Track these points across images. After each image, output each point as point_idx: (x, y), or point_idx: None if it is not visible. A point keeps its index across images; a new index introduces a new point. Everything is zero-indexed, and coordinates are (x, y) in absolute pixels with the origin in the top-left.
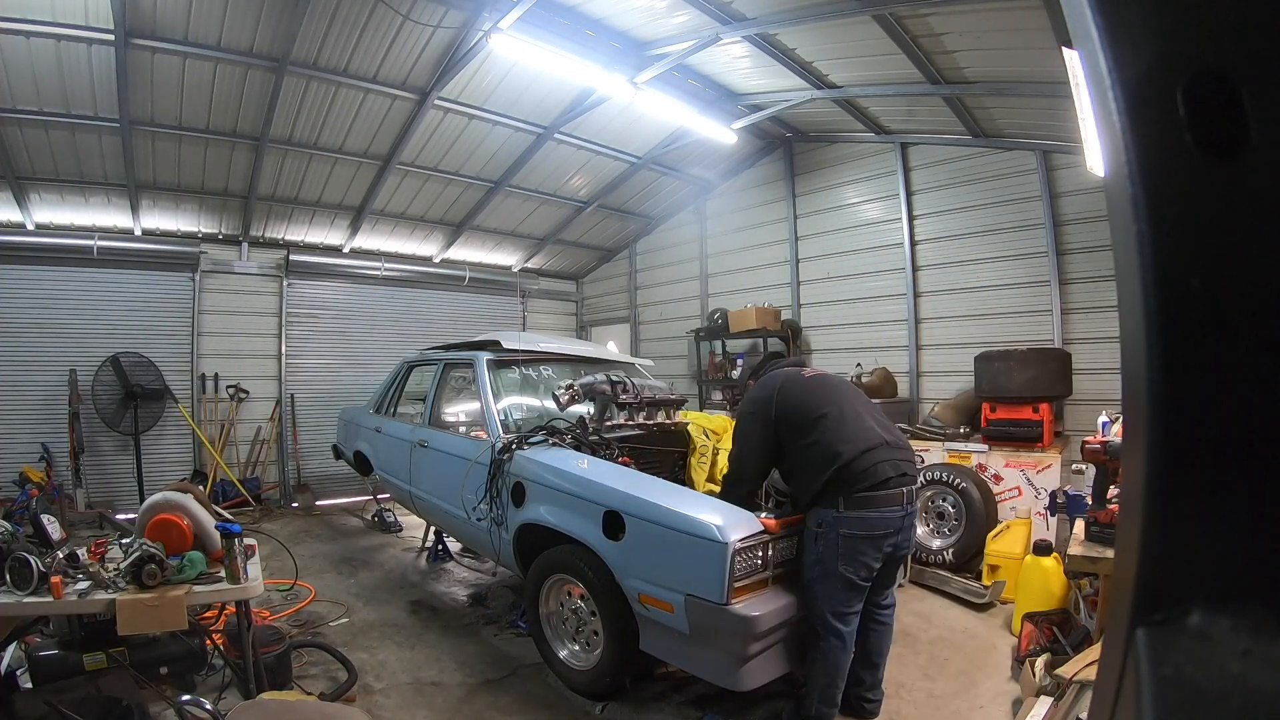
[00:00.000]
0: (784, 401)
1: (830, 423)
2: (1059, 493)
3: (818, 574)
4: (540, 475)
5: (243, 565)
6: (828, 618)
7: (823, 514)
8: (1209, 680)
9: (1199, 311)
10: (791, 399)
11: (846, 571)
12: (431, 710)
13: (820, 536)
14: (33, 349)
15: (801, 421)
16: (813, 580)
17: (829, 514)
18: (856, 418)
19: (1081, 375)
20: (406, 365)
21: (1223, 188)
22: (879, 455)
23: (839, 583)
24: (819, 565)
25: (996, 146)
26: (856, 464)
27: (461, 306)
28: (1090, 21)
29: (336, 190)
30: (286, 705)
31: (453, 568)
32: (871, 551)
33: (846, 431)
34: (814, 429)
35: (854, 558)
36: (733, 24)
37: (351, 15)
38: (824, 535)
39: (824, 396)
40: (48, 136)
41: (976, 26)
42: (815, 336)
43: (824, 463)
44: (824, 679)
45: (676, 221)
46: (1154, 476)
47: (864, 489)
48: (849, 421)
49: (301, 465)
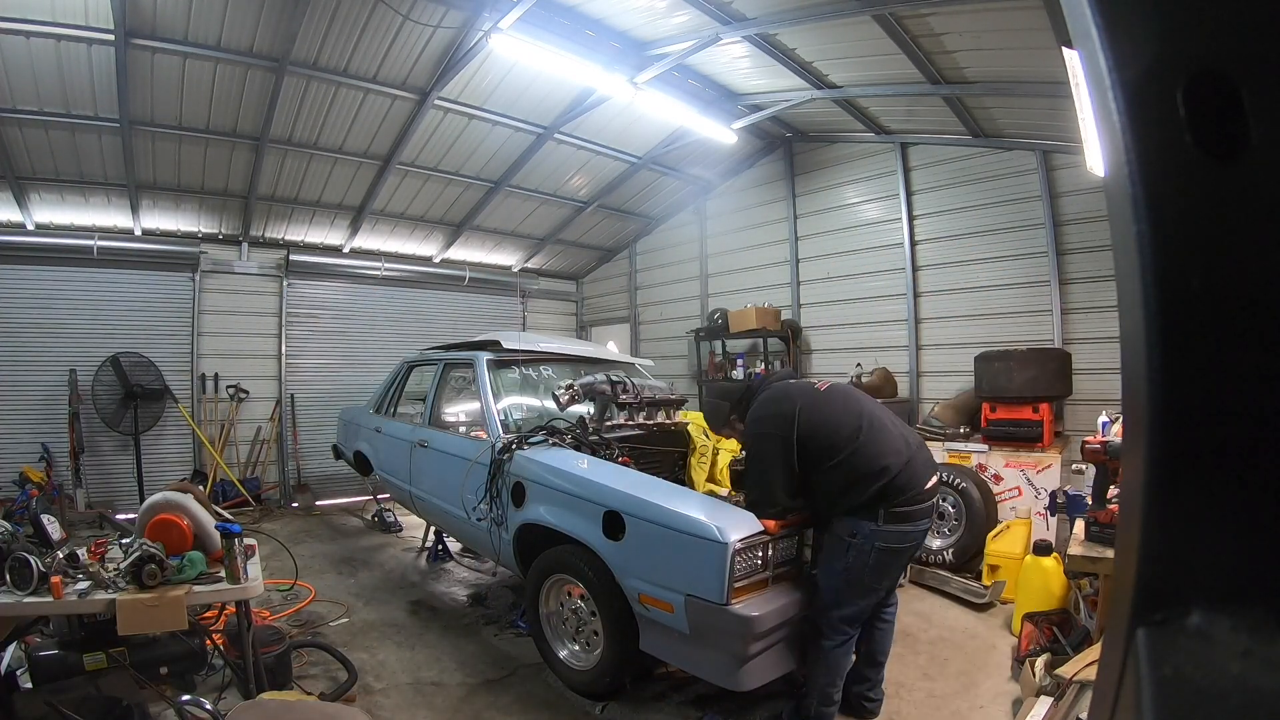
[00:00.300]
0: (809, 419)
1: (866, 436)
2: (1059, 493)
3: (842, 582)
4: (540, 475)
5: (243, 565)
6: (838, 622)
7: (859, 525)
8: (1209, 680)
9: (1199, 311)
10: (817, 415)
11: (873, 582)
12: (431, 710)
13: (853, 547)
14: (33, 349)
15: (831, 437)
16: (835, 587)
17: (866, 526)
18: (886, 429)
19: (1081, 375)
20: (406, 365)
21: (1223, 188)
22: (916, 466)
23: (862, 591)
24: (846, 574)
25: (996, 146)
26: (900, 477)
27: (461, 306)
28: (1090, 21)
29: (336, 190)
30: (286, 705)
31: (453, 568)
32: (898, 562)
33: (887, 443)
34: (847, 444)
35: (883, 569)
36: (733, 24)
37: (351, 15)
38: (857, 546)
39: (848, 409)
40: (48, 136)
41: (976, 26)
42: (815, 336)
43: (869, 477)
44: (825, 679)
45: (676, 221)
46: (1154, 476)
47: (905, 502)
48: (887, 431)
49: (301, 465)
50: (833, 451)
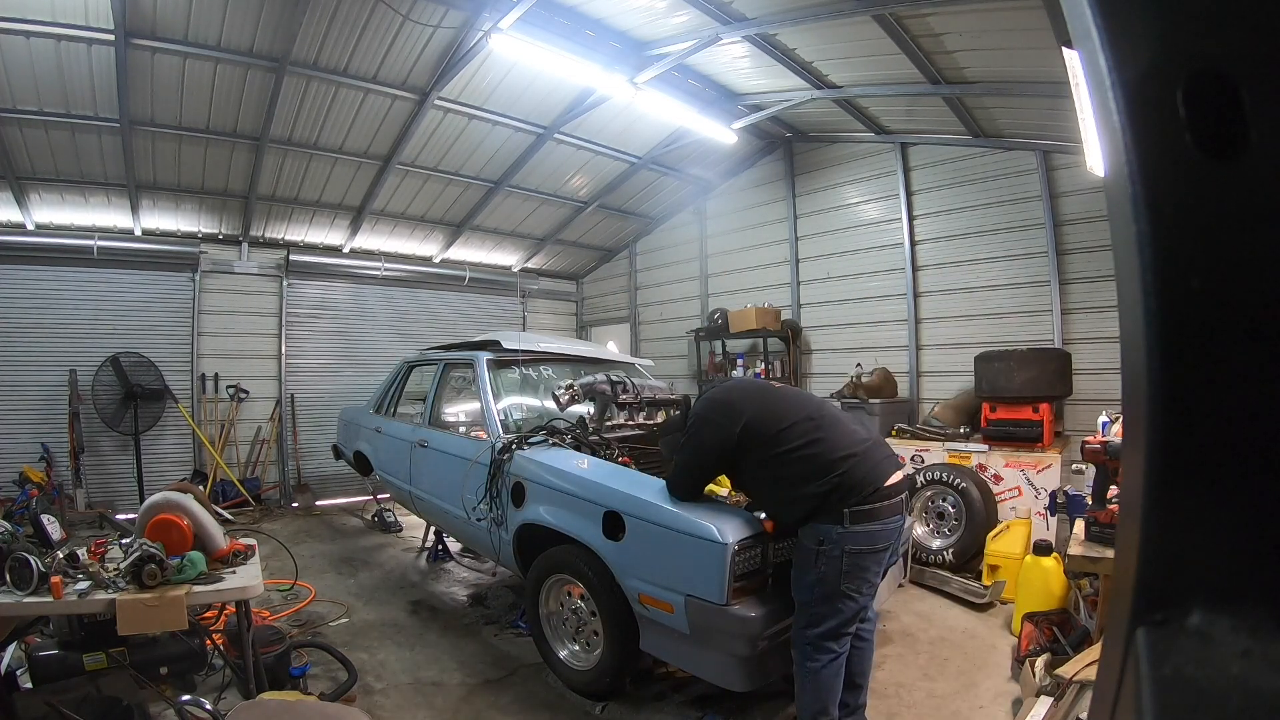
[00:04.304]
0: (754, 407)
1: (815, 427)
2: (1059, 493)
3: (819, 594)
4: (540, 475)
5: None
6: (819, 640)
7: (824, 530)
8: (1209, 680)
9: (1199, 311)
10: (763, 404)
11: (850, 590)
12: (431, 710)
13: (822, 555)
14: (33, 349)
15: (776, 426)
16: (812, 601)
17: (832, 530)
18: (840, 422)
19: (1081, 375)
20: (406, 365)
21: (1223, 188)
22: (874, 460)
23: (842, 602)
24: (820, 586)
25: (996, 146)
26: (856, 471)
27: (461, 306)
28: (1090, 21)
29: (336, 190)
30: (286, 705)
31: (453, 568)
32: (874, 566)
33: (840, 436)
34: (793, 435)
35: (858, 575)
36: (733, 24)
37: (351, 15)
38: (826, 554)
39: (800, 402)
40: (48, 136)
41: (976, 26)
42: (815, 336)
43: (820, 471)
44: (815, 703)
45: (676, 221)
46: (1154, 476)
47: (868, 498)
48: (841, 424)
49: (301, 465)
50: (782, 439)
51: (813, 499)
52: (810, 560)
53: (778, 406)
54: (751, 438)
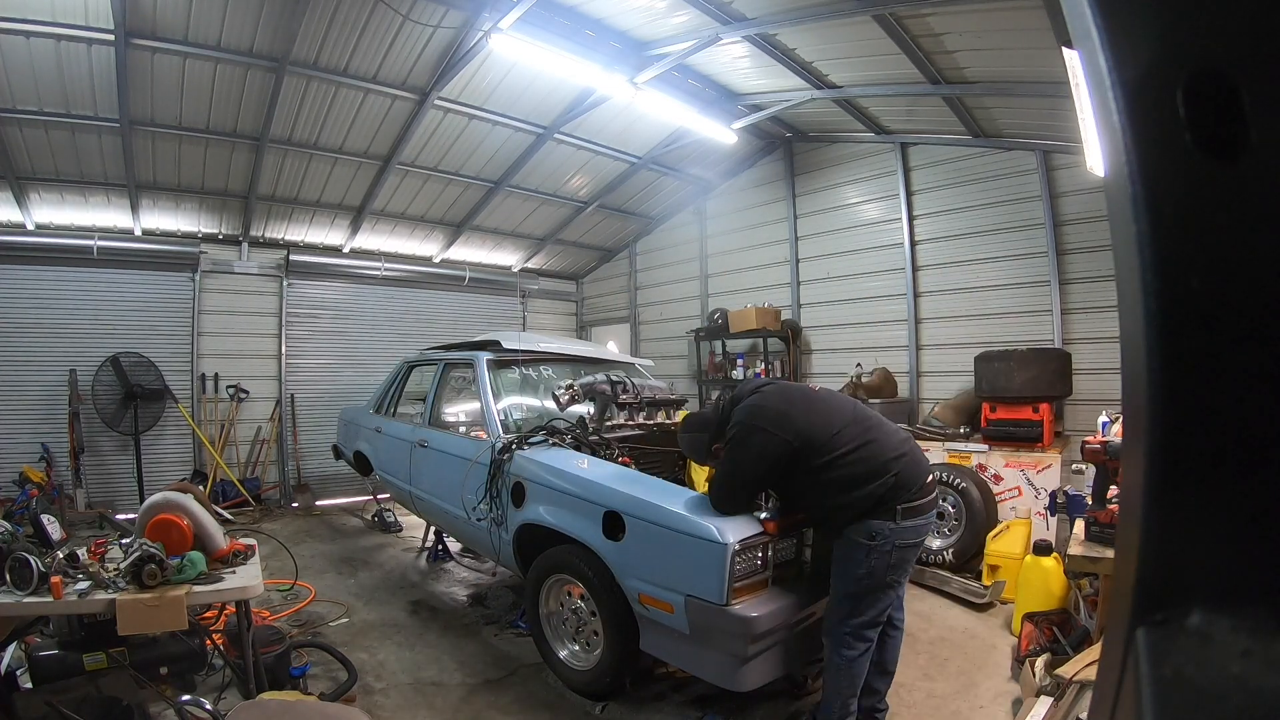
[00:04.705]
0: (803, 413)
1: (864, 430)
2: (1059, 493)
3: (866, 586)
4: (540, 475)
5: None
6: (860, 629)
7: (877, 527)
8: (1209, 680)
9: (1199, 311)
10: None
11: (894, 580)
12: (431, 710)
13: (874, 550)
14: (33, 349)
15: (828, 431)
16: (858, 593)
17: (885, 526)
18: (884, 426)
19: (1081, 375)
20: (406, 365)
21: (1223, 188)
22: (915, 461)
23: (884, 592)
24: (869, 578)
25: (996, 146)
26: (904, 473)
27: (461, 306)
28: (1090, 21)
29: (336, 190)
30: (286, 705)
31: (453, 568)
32: (913, 556)
33: (886, 436)
34: (845, 440)
35: (902, 566)
36: (733, 24)
37: (351, 15)
38: (878, 549)
39: (838, 404)
40: (48, 136)
41: (976, 26)
42: (815, 336)
43: (876, 473)
44: (848, 690)
45: (676, 221)
46: (1154, 476)
47: (915, 494)
48: (885, 428)
49: (301, 465)
50: (835, 444)
51: (868, 499)
52: (860, 555)
53: (824, 411)
54: (807, 445)
